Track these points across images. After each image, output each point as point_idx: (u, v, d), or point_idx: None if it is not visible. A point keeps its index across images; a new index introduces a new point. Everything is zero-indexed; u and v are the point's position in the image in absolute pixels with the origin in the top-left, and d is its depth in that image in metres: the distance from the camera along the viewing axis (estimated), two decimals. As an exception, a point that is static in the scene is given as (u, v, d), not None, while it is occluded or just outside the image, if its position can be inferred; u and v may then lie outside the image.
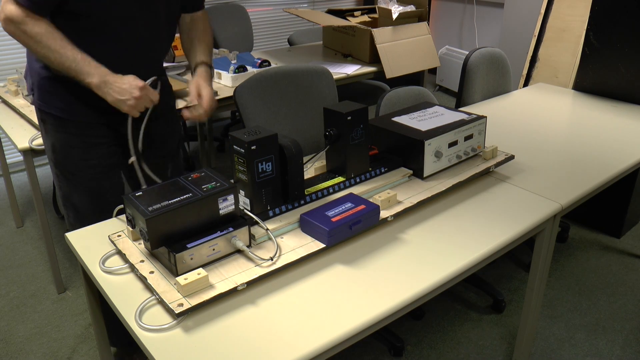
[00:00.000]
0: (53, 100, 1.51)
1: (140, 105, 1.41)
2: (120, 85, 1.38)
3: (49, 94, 1.51)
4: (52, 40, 1.34)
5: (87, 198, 1.60)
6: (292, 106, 2.01)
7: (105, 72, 1.38)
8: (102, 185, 1.59)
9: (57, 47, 1.34)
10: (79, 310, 2.23)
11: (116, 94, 1.38)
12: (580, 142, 1.95)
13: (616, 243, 2.66)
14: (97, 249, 1.27)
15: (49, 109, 1.53)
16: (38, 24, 1.33)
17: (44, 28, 1.34)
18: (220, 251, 1.17)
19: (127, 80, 1.39)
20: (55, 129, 1.55)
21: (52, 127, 1.55)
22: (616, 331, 2.08)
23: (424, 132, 1.56)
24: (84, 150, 1.55)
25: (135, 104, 1.40)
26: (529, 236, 1.45)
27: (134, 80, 1.39)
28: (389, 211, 1.37)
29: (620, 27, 2.32)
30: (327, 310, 1.08)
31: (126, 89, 1.38)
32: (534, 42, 3.52)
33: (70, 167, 1.57)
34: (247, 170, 1.26)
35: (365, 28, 2.99)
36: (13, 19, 1.33)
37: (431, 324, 2.13)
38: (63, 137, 1.55)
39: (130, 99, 1.38)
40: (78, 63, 1.36)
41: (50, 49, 1.34)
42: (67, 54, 1.35)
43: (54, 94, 1.50)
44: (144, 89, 1.40)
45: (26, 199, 3.15)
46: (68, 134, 1.54)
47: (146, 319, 1.05)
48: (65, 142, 1.55)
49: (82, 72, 1.36)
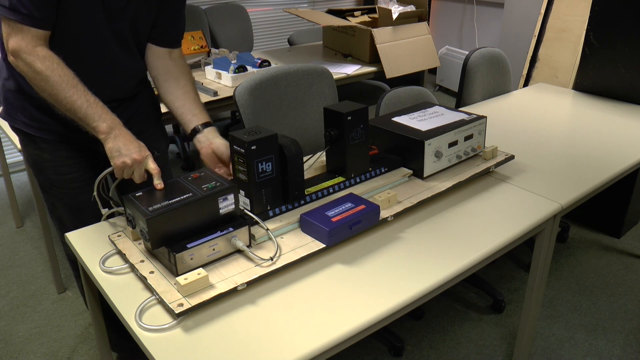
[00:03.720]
0: (18, 115, 1.42)
1: (129, 171, 1.25)
2: (129, 142, 1.25)
3: (14, 108, 1.41)
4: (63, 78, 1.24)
5: (68, 211, 1.51)
6: (292, 106, 2.01)
7: (116, 122, 1.27)
8: (80, 200, 1.49)
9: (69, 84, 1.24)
10: (79, 310, 2.23)
11: (120, 146, 1.24)
12: (580, 142, 1.95)
13: (616, 243, 2.66)
14: (97, 249, 1.27)
15: (14, 124, 1.44)
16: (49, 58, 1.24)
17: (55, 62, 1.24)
18: (220, 251, 1.17)
19: (137, 143, 1.26)
20: (26, 143, 1.47)
21: (23, 142, 1.47)
22: (616, 331, 2.08)
23: (424, 132, 1.56)
24: (56, 166, 1.45)
25: (129, 164, 1.24)
26: (529, 236, 1.45)
27: (144, 150, 1.26)
28: (389, 211, 1.37)
29: (620, 27, 2.32)
30: (327, 310, 1.08)
31: (131, 147, 1.24)
32: (534, 42, 3.52)
33: (45, 182, 1.49)
34: (247, 170, 1.26)
35: (365, 28, 2.99)
36: (20, 51, 1.23)
37: (431, 324, 2.13)
38: (34, 153, 1.46)
39: (127, 157, 1.23)
40: (90, 104, 1.26)
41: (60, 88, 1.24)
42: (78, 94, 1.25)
43: (19, 109, 1.41)
44: (145, 159, 1.26)
45: (26, 199, 3.15)
46: (39, 149, 1.45)
47: (146, 319, 1.05)
48: (38, 157, 1.46)
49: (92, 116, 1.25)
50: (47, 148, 1.44)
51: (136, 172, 1.26)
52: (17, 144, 2.01)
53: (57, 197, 1.50)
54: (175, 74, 1.49)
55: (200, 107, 1.46)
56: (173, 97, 1.46)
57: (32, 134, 1.43)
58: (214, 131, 1.43)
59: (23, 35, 1.23)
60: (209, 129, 1.43)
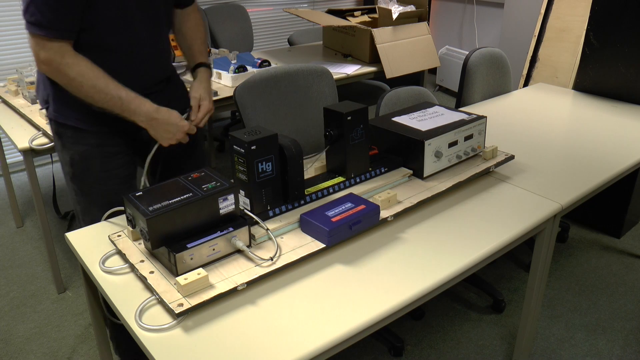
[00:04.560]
0: (69, 111, 1.48)
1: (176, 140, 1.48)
2: (166, 126, 1.44)
3: (66, 106, 1.48)
4: (95, 80, 1.34)
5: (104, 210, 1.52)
6: (292, 106, 2.01)
7: (151, 108, 1.41)
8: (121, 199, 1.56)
9: (102, 87, 1.35)
10: (79, 310, 2.23)
11: (162, 132, 1.44)
12: (580, 142, 1.95)
13: (616, 243, 2.66)
14: (97, 249, 1.27)
15: (66, 120, 1.49)
16: (77, 63, 1.33)
17: (84, 67, 1.33)
18: (220, 251, 1.17)
19: (173, 121, 1.44)
20: (74, 141, 1.51)
21: (70, 140, 1.52)
22: (616, 331, 2.08)
23: (424, 132, 1.56)
24: (103, 161, 1.53)
25: (174, 143, 1.48)
26: (529, 236, 1.45)
27: (180, 121, 1.45)
28: (389, 211, 1.37)
29: (620, 27, 2.32)
30: (327, 310, 1.08)
31: (171, 130, 1.45)
32: (534, 42, 3.52)
33: (89, 179, 1.54)
34: (247, 170, 1.26)
35: (365, 28, 2.99)
36: (51, 62, 1.32)
37: (431, 324, 2.13)
38: (82, 150, 1.51)
39: (172, 139, 1.46)
40: (123, 102, 1.38)
41: (95, 89, 1.35)
42: (111, 93, 1.36)
43: (70, 105, 1.47)
44: (186, 128, 1.47)
45: (26, 199, 3.15)
46: (87, 145, 1.51)
47: (146, 319, 1.05)
48: (84, 154, 1.52)
49: (129, 109, 1.39)
50: (97, 143, 1.52)
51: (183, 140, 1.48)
52: (17, 144, 2.02)
53: (99, 194, 1.55)
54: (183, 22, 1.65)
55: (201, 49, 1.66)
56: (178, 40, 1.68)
57: (84, 128, 1.50)
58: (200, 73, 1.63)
59: (50, 48, 1.31)
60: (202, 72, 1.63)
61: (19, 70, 2.42)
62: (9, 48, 3.30)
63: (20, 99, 2.43)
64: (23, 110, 2.28)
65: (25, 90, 2.40)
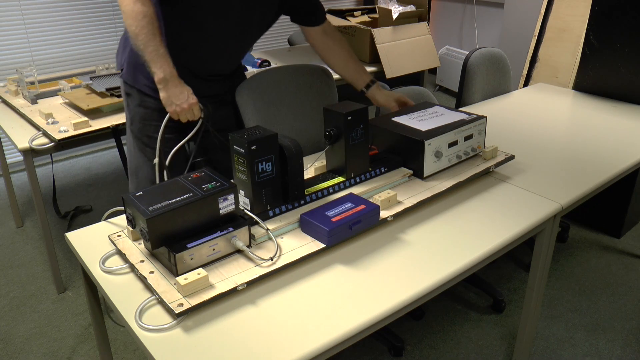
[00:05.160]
0: (139, 77, 1.67)
1: (183, 116, 1.53)
2: (178, 92, 1.50)
3: (138, 71, 1.67)
4: (149, 25, 1.45)
5: (152, 170, 1.72)
6: (292, 106, 2.01)
7: (173, 73, 1.50)
8: (170, 160, 1.69)
9: (151, 32, 1.46)
10: (79, 310, 2.23)
11: (171, 95, 1.50)
12: (580, 142, 1.95)
13: (616, 243, 2.66)
14: (97, 249, 1.27)
15: (134, 83, 1.70)
16: (145, 4, 1.46)
17: (148, 10, 1.46)
18: (220, 251, 1.17)
19: (185, 91, 1.51)
20: (137, 103, 1.71)
21: (134, 101, 1.72)
22: (616, 331, 2.08)
23: (424, 132, 1.56)
24: (158, 125, 1.66)
25: (180, 112, 1.52)
26: (529, 236, 1.45)
27: (190, 94, 1.52)
28: (389, 211, 1.37)
29: (620, 27, 2.32)
30: (327, 310, 1.08)
31: (180, 97, 1.50)
32: (534, 42, 3.52)
33: (144, 138, 1.74)
34: (247, 170, 1.26)
35: (365, 28, 2.99)
36: None
37: (431, 324, 2.13)
38: (142, 112, 1.71)
39: (178, 107, 1.51)
40: (158, 53, 1.47)
41: (144, 30, 1.45)
42: (154, 41, 1.46)
43: (140, 72, 1.65)
44: (193, 106, 1.52)
45: (26, 199, 3.15)
46: (147, 109, 1.70)
47: (146, 319, 1.05)
48: (144, 115, 1.71)
49: (155, 62, 1.47)
50: (156, 108, 1.67)
51: (188, 116, 1.53)
52: (17, 144, 2.02)
53: (151, 153, 1.72)
54: (332, 47, 1.87)
55: (359, 70, 1.88)
56: (337, 67, 1.89)
57: (148, 93, 1.68)
58: (375, 88, 1.86)
59: None
60: (372, 88, 1.86)
61: (19, 70, 2.42)
62: (9, 48, 3.30)
63: (20, 99, 2.43)
64: (23, 110, 2.28)
65: (25, 90, 2.40)
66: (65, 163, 3.68)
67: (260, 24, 1.72)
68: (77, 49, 3.55)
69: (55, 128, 2.10)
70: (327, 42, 1.85)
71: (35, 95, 2.41)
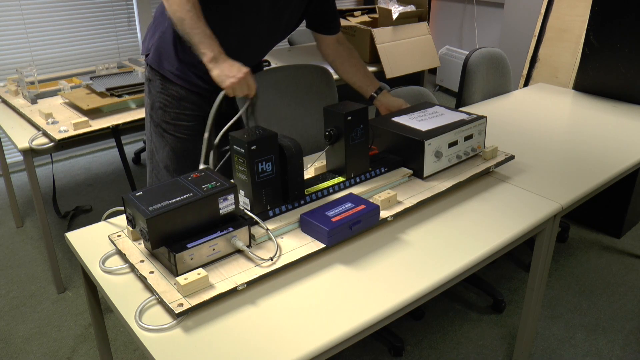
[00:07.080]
0: (164, 62, 1.71)
1: (238, 89, 1.50)
2: (230, 65, 1.50)
3: (163, 57, 1.71)
4: (193, 9, 1.49)
5: (169, 155, 1.78)
6: (292, 106, 2.01)
7: (221, 52, 1.51)
8: (186, 147, 1.77)
9: (196, 15, 1.49)
10: (79, 310, 2.23)
11: (224, 69, 1.49)
12: (580, 142, 1.95)
13: (616, 243, 2.66)
14: (97, 249, 1.27)
15: (158, 68, 1.72)
16: None
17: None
18: (220, 251, 1.17)
19: (236, 64, 1.51)
20: (158, 89, 1.74)
21: (156, 87, 1.75)
22: (616, 331, 2.08)
23: (424, 132, 1.56)
24: (178, 113, 1.74)
25: (236, 83, 1.49)
26: (529, 236, 1.45)
27: (242, 66, 1.52)
28: (389, 211, 1.37)
29: (620, 27, 2.32)
30: (327, 310, 1.08)
31: (233, 69, 1.50)
32: (534, 42, 3.52)
33: (163, 124, 1.76)
34: (247, 170, 1.26)
35: (365, 28, 2.99)
36: None
37: (431, 324, 2.13)
38: (163, 98, 1.74)
39: (233, 78, 1.49)
40: (205, 34, 1.49)
41: (189, 14, 1.48)
42: (200, 24, 1.49)
43: (167, 58, 1.70)
44: (248, 75, 1.50)
45: (26, 199, 3.15)
46: (168, 95, 1.73)
47: (146, 319, 1.05)
48: (164, 102, 1.74)
49: (204, 43, 1.49)
50: (176, 96, 1.73)
51: (244, 89, 1.51)
52: (17, 144, 2.02)
53: (168, 139, 1.76)
54: (344, 56, 1.89)
55: (369, 78, 1.89)
56: (347, 75, 1.91)
57: (170, 79, 1.72)
58: (385, 94, 1.88)
59: None
60: (381, 93, 1.87)
61: (19, 70, 2.42)
62: (9, 48, 3.30)
63: (20, 99, 2.43)
64: (23, 110, 2.28)
65: (25, 90, 2.40)
66: (65, 163, 3.68)
67: (287, 26, 1.75)
68: (77, 49, 3.55)
69: (55, 128, 2.10)
70: (340, 52, 1.87)
71: (35, 95, 2.41)
